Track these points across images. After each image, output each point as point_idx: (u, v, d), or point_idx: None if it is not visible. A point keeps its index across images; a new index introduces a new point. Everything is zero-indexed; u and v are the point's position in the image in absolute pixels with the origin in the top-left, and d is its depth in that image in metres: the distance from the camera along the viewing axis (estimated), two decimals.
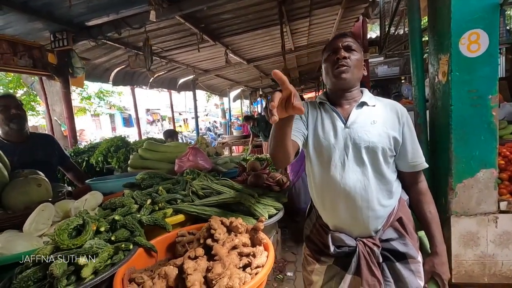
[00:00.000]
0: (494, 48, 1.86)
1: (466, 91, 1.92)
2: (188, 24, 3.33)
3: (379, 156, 1.06)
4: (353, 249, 1.07)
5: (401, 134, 1.10)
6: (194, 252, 0.87)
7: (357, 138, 1.07)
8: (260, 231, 0.97)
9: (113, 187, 1.70)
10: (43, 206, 1.23)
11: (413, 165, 1.11)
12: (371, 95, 1.19)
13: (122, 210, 1.18)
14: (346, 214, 1.08)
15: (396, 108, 1.14)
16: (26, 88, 6.73)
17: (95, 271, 0.86)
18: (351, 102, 1.16)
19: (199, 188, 1.39)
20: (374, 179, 1.07)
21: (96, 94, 11.33)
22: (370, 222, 1.07)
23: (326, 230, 1.14)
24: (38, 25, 2.80)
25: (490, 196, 2.03)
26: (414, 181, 1.16)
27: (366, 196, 1.05)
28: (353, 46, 1.13)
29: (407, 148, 1.10)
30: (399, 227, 1.10)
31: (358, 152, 1.07)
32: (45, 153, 2.07)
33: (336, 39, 1.16)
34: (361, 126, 1.08)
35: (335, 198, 1.09)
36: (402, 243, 1.08)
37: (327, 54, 1.16)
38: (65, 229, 0.89)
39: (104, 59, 4.08)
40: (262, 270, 0.82)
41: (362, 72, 1.16)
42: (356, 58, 1.12)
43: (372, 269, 1.03)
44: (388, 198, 1.09)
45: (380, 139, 1.06)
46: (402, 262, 1.07)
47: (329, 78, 1.16)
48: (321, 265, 1.16)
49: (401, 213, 1.11)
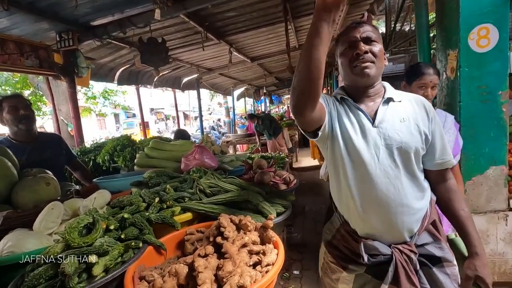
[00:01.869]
0: (504, 43, 1.83)
1: (475, 87, 1.90)
2: (193, 23, 3.32)
3: (411, 157, 0.98)
4: (388, 257, 0.99)
5: (430, 130, 1.01)
6: (204, 250, 0.86)
7: (388, 138, 0.98)
8: (269, 229, 0.96)
9: (120, 185, 1.71)
10: (52, 205, 1.24)
11: (441, 162, 1.03)
12: (394, 89, 1.08)
13: (131, 209, 1.18)
14: (379, 220, 1.00)
15: (423, 103, 1.05)
16: (33, 88, 6.80)
17: (106, 269, 0.87)
18: (374, 98, 1.06)
19: (206, 186, 1.39)
20: (407, 181, 0.99)
21: (101, 94, 11.41)
22: (405, 228, 0.99)
23: (355, 237, 1.05)
24: (44, 26, 2.82)
25: (500, 193, 2.01)
26: (443, 179, 1.07)
27: (400, 200, 0.97)
28: (373, 36, 1.00)
29: (435, 146, 1.02)
30: (434, 231, 1.03)
31: (390, 154, 0.98)
32: (53, 152, 2.09)
33: (352, 29, 1.02)
34: (390, 124, 0.99)
35: (365, 203, 1.00)
36: (438, 247, 1.02)
37: (343, 48, 1.03)
38: (75, 227, 0.90)
39: (109, 59, 4.10)
40: (273, 268, 0.82)
41: (384, 63, 1.04)
42: (378, 49, 1.00)
43: (410, 277, 0.95)
44: (422, 200, 1.01)
45: (413, 138, 0.98)
46: (438, 267, 1.01)
47: (348, 75, 1.04)
48: (349, 273, 1.08)
49: (434, 215, 1.05)
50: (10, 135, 1.97)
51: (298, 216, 4.03)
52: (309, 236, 3.45)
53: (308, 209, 4.24)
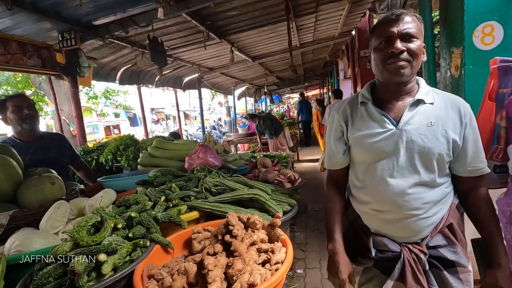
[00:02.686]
0: (509, 41, 1.82)
1: (480, 85, 1.88)
2: (195, 22, 3.32)
3: (433, 163, 0.95)
4: (396, 254, 0.99)
5: (462, 136, 0.96)
6: (213, 248, 0.86)
7: (410, 142, 0.94)
8: (277, 227, 0.96)
9: (125, 184, 1.71)
10: (58, 204, 1.24)
11: (471, 170, 0.99)
12: (428, 88, 1.02)
13: (137, 207, 1.18)
14: (391, 221, 0.99)
15: (459, 106, 0.97)
16: (34, 88, 6.80)
17: (114, 268, 0.86)
18: (404, 97, 1.01)
19: (212, 185, 1.39)
20: (426, 186, 0.96)
21: (102, 94, 11.42)
22: (417, 230, 0.98)
23: (367, 232, 1.06)
24: (46, 25, 2.82)
25: None
26: (473, 187, 1.02)
27: (416, 204, 0.95)
28: (413, 32, 0.92)
29: (467, 152, 0.97)
30: (449, 234, 1.00)
31: (410, 158, 0.95)
32: (57, 152, 2.09)
33: (391, 22, 0.94)
34: (415, 128, 0.95)
35: (380, 204, 1.00)
36: (451, 251, 0.99)
37: (378, 42, 0.97)
38: (83, 226, 0.90)
39: (110, 58, 4.10)
40: (282, 266, 0.81)
41: (422, 59, 0.97)
42: (417, 47, 0.93)
43: (417, 276, 0.95)
44: (439, 205, 0.99)
45: (437, 144, 0.93)
46: (450, 270, 0.99)
47: (381, 72, 0.99)
48: (358, 265, 1.09)
49: (452, 218, 1.02)
50: (14, 135, 1.97)
51: (301, 215, 4.03)
52: (312, 235, 3.45)
53: (311, 208, 4.24)
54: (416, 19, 0.96)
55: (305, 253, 3.04)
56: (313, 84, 17.03)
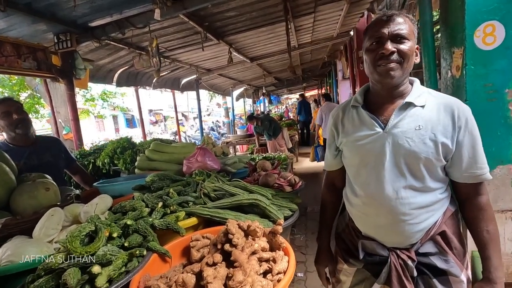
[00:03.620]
0: (511, 40, 1.80)
1: (481, 85, 1.86)
2: (192, 23, 3.28)
3: (420, 167, 0.93)
4: (384, 259, 0.99)
5: (455, 140, 0.92)
6: (212, 259, 0.83)
7: (397, 145, 0.93)
8: (279, 234, 0.93)
9: (122, 189, 1.66)
10: (52, 211, 1.20)
11: (468, 176, 0.94)
12: (422, 90, 0.99)
13: (133, 214, 1.14)
14: (380, 225, 0.99)
15: (453, 108, 0.93)
16: (30, 90, 6.73)
17: (109, 280, 0.83)
18: (396, 99, 1.00)
19: (211, 190, 1.35)
20: (414, 190, 0.94)
21: (100, 96, 11.34)
22: (406, 236, 0.97)
23: (358, 235, 1.08)
24: (41, 27, 2.77)
25: (507, 193, 1.98)
26: (472, 194, 0.98)
27: (403, 209, 0.94)
28: (404, 33, 0.91)
29: (462, 157, 0.93)
30: (441, 242, 0.98)
31: (396, 162, 0.94)
32: (52, 156, 2.05)
33: (382, 23, 0.93)
34: (402, 131, 0.93)
35: (368, 208, 1.00)
36: (442, 259, 0.97)
37: (370, 43, 0.96)
38: (77, 236, 0.86)
39: (107, 60, 4.06)
40: (285, 277, 0.78)
41: (414, 61, 0.96)
42: (408, 48, 0.91)
43: (403, 282, 0.94)
44: (430, 211, 0.96)
45: (424, 148, 0.91)
46: (441, 279, 0.96)
47: (372, 73, 0.99)
48: (349, 266, 1.11)
49: (446, 226, 0.99)
50: (7, 140, 1.93)
51: (301, 217, 3.99)
52: (312, 238, 3.41)
53: (311, 210, 4.21)
54: (408, 20, 0.94)
55: (306, 256, 3.01)
56: (311, 85, 17.03)
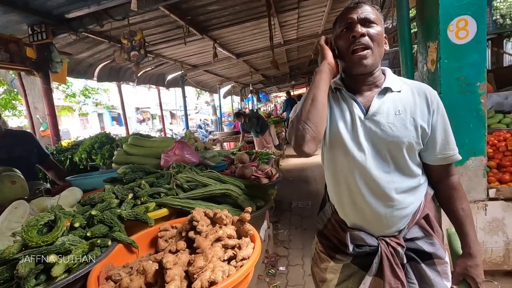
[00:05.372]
0: (482, 35, 1.85)
1: (455, 78, 1.91)
2: (174, 16, 3.23)
3: (403, 152, 0.93)
4: (374, 249, 0.97)
5: (430, 123, 0.94)
6: (176, 246, 0.81)
7: (379, 131, 0.93)
8: (247, 222, 0.92)
9: (95, 183, 1.62)
10: (16, 204, 1.16)
11: (442, 157, 0.97)
12: (395, 77, 1.01)
13: (101, 206, 1.11)
14: (367, 213, 0.98)
15: (426, 93, 0.96)
16: (6, 86, 6.47)
17: (68, 270, 0.80)
18: (371, 87, 1.00)
19: (183, 181, 1.33)
20: (398, 176, 0.95)
21: (81, 92, 10.99)
22: (393, 222, 0.96)
23: (344, 227, 1.04)
24: (14, 18, 2.66)
25: (480, 183, 2.04)
26: (445, 175, 1.01)
27: (389, 195, 0.94)
28: (371, 18, 0.93)
29: (436, 139, 0.95)
30: (426, 225, 0.99)
31: (380, 148, 0.94)
32: (23, 150, 1.97)
33: (350, 10, 0.96)
34: (384, 117, 0.93)
35: (353, 196, 0.98)
36: (428, 243, 0.98)
37: (340, 30, 0.97)
38: (34, 225, 0.83)
39: (87, 54, 3.94)
40: (248, 262, 0.77)
41: (384, 48, 0.98)
42: (377, 32, 0.93)
43: (395, 270, 0.93)
44: (414, 195, 0.97)
45: (406, 133, 0.92)
46: (428, 263, 0.97)
47: (345, 61, 0.98)
48: (336, 263, 1.07)
49: (428, 209, 1.00)
50: None
51: (285, 213, 4.02)
52: (295, 232, 3.44)
53: (295, 205, 4.23)
54: (374, 9, 0.97)
55: (288, 250, 3.03)
56: (299, 83, 17.09)
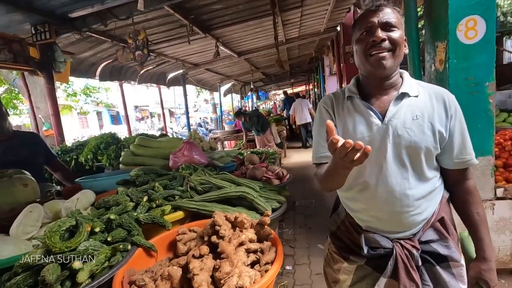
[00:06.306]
0: (491, 35, 1.85)
1: (463, 78, 1.91)
2: (178, 15, 3.21)
3: (421, 157, 0.93)
4: (389, 251, 0.97)
5: (448, 128, 0.94)
6: (199, 251, 0.81)
7: (397, 137, 0.92)
8: (266, 225, 0.92)
9: (105, 185, 1.62)
10: (30, 207, 1.15)
11: (459, 162, 0.97)
12: (413, 81, 1.00)
13: (117, 209, 1.11)
14: (383, 217, 0.98)
15: (444, 97, 0.96)
16: (7, 85, 6.42)
17: (92, 275, 0.80)
18: (389, 91, 0.99)
19: (197, 183, 1.33)
20: (416, 181, 0.95)
21: (82, 91, 10.95)
22: (409, 225, 0.97)
23: (358, 230, 1.04)
24: (17, 17, 2.63)
25: (487, 183, 2.05)
26: (461, 179, 1.01)
27: (406, 200, 0.94)
28: (393, 21, 0.92)
29: (453, 144, 0.95)
30: (441, 228, 0.99)
31: (397, 153, 0.94)
32: (31, 151, 1.96)
33: (370, 13, 0.94)
34: (401, 122, 0.93)
35: (370, 201, 0.99)
36: (444, 245, 0.98)
37: (360, 33, 0.96)
38: (56, 231, 0.82)
39: (89, 53, 3.91)
40: (273, 267, 0.78)
41: (403, 52, 0.96)
42: (398, 36, 0.92)
43: (410, 273, 0.94)
44: (430, 199, 0.98)
45: (424, 138, 0.92)
46: (443, 266, 0.97)
47: (363, 64, 0.97)
48: (350, 264, 1.07)
49: (443, 212, 1.00)
50: None
51: (289, 211, 4.02)
52: (300, 231, 3.45)
53: (299, 204, 4.24)
54: (395, 11, 0.95)
55: (294, 249, 3.03)
56: (299, 81, 17.07)
